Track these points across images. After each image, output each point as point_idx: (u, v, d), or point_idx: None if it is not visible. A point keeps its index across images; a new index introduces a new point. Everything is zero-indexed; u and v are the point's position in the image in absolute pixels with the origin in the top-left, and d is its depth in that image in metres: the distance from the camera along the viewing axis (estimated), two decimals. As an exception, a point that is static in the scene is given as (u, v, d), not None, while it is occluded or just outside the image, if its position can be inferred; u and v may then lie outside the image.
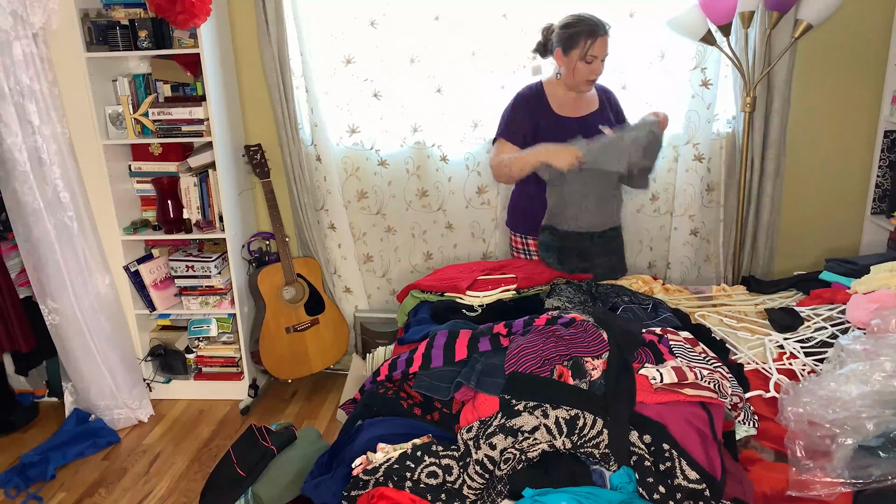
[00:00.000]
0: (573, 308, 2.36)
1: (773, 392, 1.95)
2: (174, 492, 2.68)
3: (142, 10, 2.85)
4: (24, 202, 2.74)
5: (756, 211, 3.12)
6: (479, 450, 1.61)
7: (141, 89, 3.03)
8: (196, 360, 3.34)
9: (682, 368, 1.75)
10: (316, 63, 3.08)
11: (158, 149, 3.12)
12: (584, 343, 1.85)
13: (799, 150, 3.15)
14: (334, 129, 3.21)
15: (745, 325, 2.38)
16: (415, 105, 3.12)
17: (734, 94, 3.03)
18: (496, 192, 3.24)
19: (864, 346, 1.86)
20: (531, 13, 2.94)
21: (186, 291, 3.21)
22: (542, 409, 1.66)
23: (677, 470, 1.55)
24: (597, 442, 1.61)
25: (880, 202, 3.13)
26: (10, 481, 2.70)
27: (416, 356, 1.99)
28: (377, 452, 1.71)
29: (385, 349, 2.79)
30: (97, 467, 2.85)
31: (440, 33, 3.01)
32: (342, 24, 3.03)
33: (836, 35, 2.98)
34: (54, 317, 2.89)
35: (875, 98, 3.07)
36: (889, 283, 2.32)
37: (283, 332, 3.20)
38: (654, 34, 2.94)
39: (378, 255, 3.42)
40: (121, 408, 3.09)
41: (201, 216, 3.16)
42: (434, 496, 1.60)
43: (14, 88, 2.64)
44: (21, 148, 2.68)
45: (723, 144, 3.12)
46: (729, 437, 1.77)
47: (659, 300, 2.51)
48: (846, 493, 1.55)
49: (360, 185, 3.29)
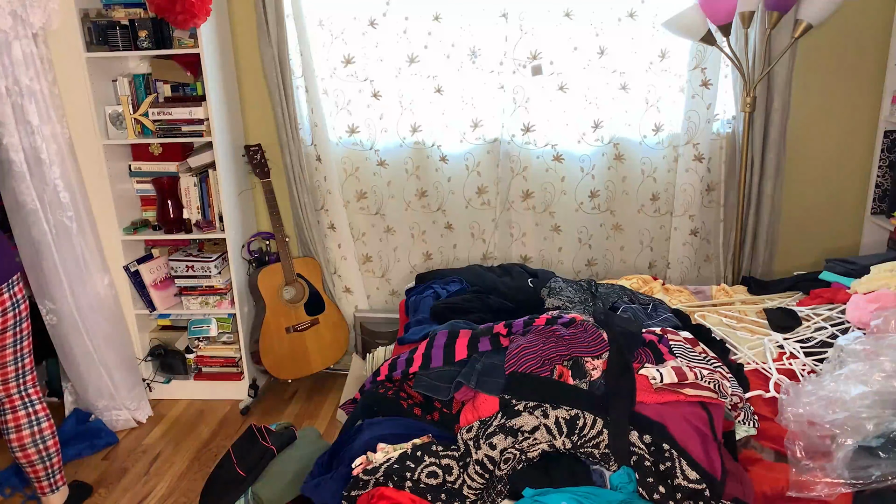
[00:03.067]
0: (573, 308, 2.37)
1: (773, 392, 1.95)
2: (174, 492, 2.68)
3: (142, 10, 2.85)
4: (21, 202, 2.74)
5: (756, 211, 3.12)
6: (479, 450, 1.61)
7: (141, 89, 3.03)
8: (196, 360, 3.34)
9: (682, 368, 1.75)
10: (316, 63, 3.08)
11: (158, 149, 3.12)
12: (584, 343, 1.85)
13: (799, 150, 3.15)
14: (334, 129, 3.21)
15: (744, 325, 2.38)
16: (415, 105, 3.12)
17: (734, 94, 3.03)
18: (496, 193, 3.24)
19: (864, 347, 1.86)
20: (531, 13, 2.94)
21: (186, 291, 3.21)
22: (542, 409, 1.66)
23: (677, 470, 1.55)
24: (597, 442, 1.61)
25: (880, 202, 3.13)
26: (6, 481, 2.70)
27: (416, 356, 1.99)
28: (377, 452, 1.71)
29: (385, 349, 2.80)
30: (97, 467, 2.85)
31: (440, 33, 3.01)
32: (342, 24, 3.03)
33: (836, 35, 2.98)
34: (52, 317, 2.89)
35: (875, 98, 3.07)
36: (889, 283, 2.33)
37: (283, 332, 3.20)
38: (654, 34, 2.95)
39: (377, 255, 3.42)
40: (119, 408, 3.09)
41: (201, 216, 3.16)
42: (434, 496, 1.60)
43: (13, 88, 2.64)
44: (18, 148, 2.68)
45: (723, 144, 3.12)
46: (729, 437, 1.77)
47: (659, 300, 2.52)
48: (846, 494, 1.55)
49: (359, 185, 3.29)
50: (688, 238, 3.22)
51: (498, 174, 3.20)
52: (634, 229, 3.27)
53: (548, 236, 3.31)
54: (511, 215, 3.29)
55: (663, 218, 3.25)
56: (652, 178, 3.17)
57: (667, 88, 3.03)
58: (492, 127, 3.14)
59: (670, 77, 3.02)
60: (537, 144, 3.13)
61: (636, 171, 3.17)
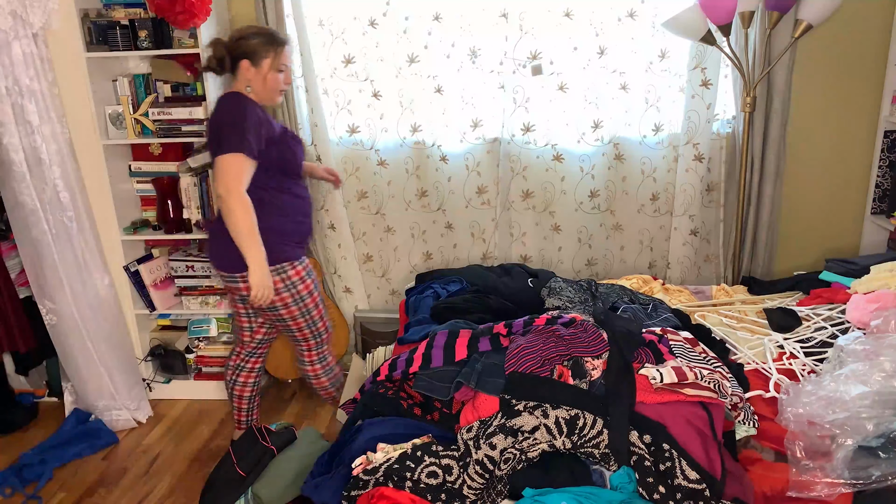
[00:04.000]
0: (573, 308, 2.37)
1: (773, 392, 1.95)
2: (174, 492, 2.68)
3: (142, 10, 2.85)
4: (21, 202, 2.74)
5: (756, 211, 3.12)
6: (479, 450, 1.61)
7: (141, 89, 3.03)
8: (196, 360, 3.34)
9: (682, 368, 1.75)
10: (316, 63, 3.08)
11: (158, 149, 3.12)
12: (584, 343, 1.85)
13: (799, 150, 3.14)
14: (334, 128, 3.21)
15: (744, 325, 2.38)
16: (415, 105, 3.12)
17: (734, 94, 3.03)
18: (496, 192, 3.24)
19: (864, 347, 1.86)
20: (531, 13, 2.94)
21: (186, 291, 3.21)
22: (542, 409, 1.66)
23: (677, 470, 1.55)
24: (597, 442, 1.62)
25: (880, 202, 3.13)
26: (6, 481, 2.70)
27: (416, 356, 1.99)
28: (377, 452, 1.71)
29: (385, 349, 2.80)
30: (97, 467, 2.85)
31: (440, 33, 3.01)
32: (342, 24, 3.03)
33: (836, 35, 2.98)
34: (52, 317, 2.89)
35: (875, 98, 3.06)
36: (889, 283, 2.32)
37: (282, 332, 3.19)
38: (654, 34, 2.95)
39: (378, 254, 3.42)
40: (119, 408, 3.09)
41: (201, 216, 3.16)
42: (434, 496, 1.60)
43: (12, 88, 2.64)
44: (18, 148, 2.68)
45: (723, 144, 3.12)
46: (729, 437, 1.77)
47: (659, 300, 2.51)
48: (846, 494, 1.55)
49: (359, 185, 3.29)
50: (688, 238, 3.22)
51: (498, 174, 3.20)
52: (634, 229, 3.27)
53: (548, 236, 3.31)
54: (511, 215, 3.29)
55: (663, 218, 3.25)
56: (652, 178, 3.17)
57: (667, 88, 3.03)
58: (492, 127, 3.14)
59: (670, 77, 3.02)
60: (537, 144, 3.13)
61: (636, 171, 3.17)
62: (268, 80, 2.38)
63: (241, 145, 2.24)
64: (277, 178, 2.41)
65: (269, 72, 2.37)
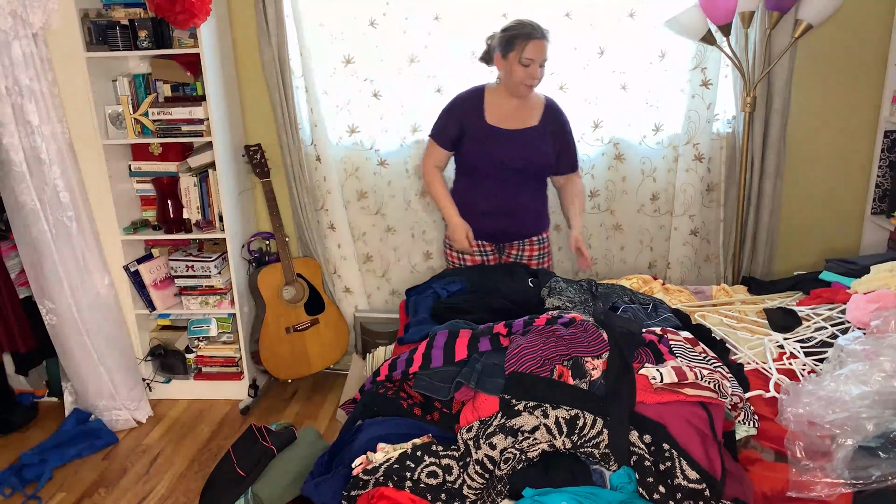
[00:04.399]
0: (573, 308, 2.36)
1: (773, 392, 1.95)
2: (174, 492, 2.68)
3: (142, 10, 2.85)
4: (21, 202, 2.74)
5: (756, 211, 3.12)
6: (479, 450, 1.61)
7: (141, 89, 3.03)
8: (196, 359, 3.34)
9: (682, 368, 1.75)
10: (316, 63, 3.08)
11: (158, 149, 3.12)
12: (584, 343, 1.85)
13: (799, 150, 3.14)
14: (334, 128, 3.21)
15: (745, 325, 2.38)
16: (415, 105, 3.12)
17: (734, 94, 3.03)
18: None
19: (864, 347, 1.86)
20: (531, 13, 2.93)
21: (186, 291, 3.21)
22: (542, 408, 1.65)
23: (677, 470, 1.55)
24: (597, 442, 1.61)
25: (880, 202, 3.13)
26: (6, 481, 2.70)
27: (416, 356, 1.99)
28: (377, 452, 1.70)
29: (385, 349, 2.80)
30: (97, 467, 2.85)
31: (440, 33, 3.01)
32: (342, 24, 3.03)
33: (836, 35, 2.98)
34: (52, 317, 2.89)
35: (875, 98, 3.06)
36: (889, 283, 2.32)
37: (282, 332, 3.20)
38: (654, 34, 2.94)
39: (378, 254, 3.42)
40: (119, 409, 3.09)
41: (201, 216, 3.16)
42: (434, 496, 1.60)
43: (12, 88, 2.64)
44: (18, 148, 2.68)
45: (723, 144, 3.12)
46: (729, 437, 1.77)
47: (659, 300, 2.51)
48: (846, 494, 1.55)
49: (359, 185, 3.29)
50: (688, 238, 3.22)
51: (498, 174, 3.19)
52: (634, 229, 3.27)
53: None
54: (511, 215, 3.28)
55: (663, 218, 3.25)
56: (652, 177, 3.17)
57: (667, 88, 3.03)
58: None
59: (670, 77, 3.02)
60: (537, 144, 3.13)
61: (636, 171, 3.17)
62: (512, 72, 2.54)
63: (431, 129, 2.75)
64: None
65: (514, 65, 2.53)
